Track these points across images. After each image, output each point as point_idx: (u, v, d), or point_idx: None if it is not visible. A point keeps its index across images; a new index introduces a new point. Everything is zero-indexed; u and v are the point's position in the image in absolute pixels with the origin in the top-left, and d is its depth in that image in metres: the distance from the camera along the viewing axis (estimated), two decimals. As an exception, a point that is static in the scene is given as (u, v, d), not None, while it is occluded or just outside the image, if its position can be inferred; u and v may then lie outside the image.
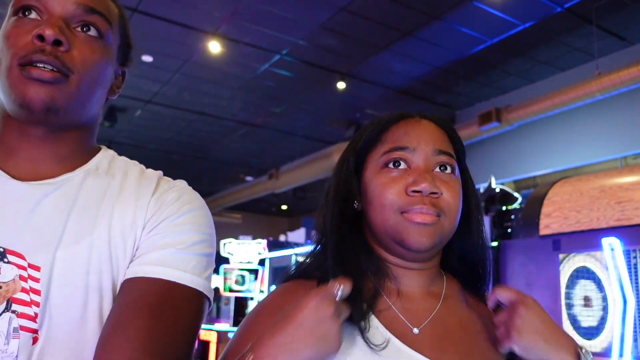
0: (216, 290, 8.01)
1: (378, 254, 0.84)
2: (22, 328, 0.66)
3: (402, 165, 0.82)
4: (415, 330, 0.78)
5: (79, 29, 0.75)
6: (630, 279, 2.90)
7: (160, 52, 5.64)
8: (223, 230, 11.32)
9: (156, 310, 0.67)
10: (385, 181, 0.81)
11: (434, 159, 0.82)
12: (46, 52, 0.70)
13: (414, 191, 0.78)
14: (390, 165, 0.82)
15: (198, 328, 0.73)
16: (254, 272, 7.28)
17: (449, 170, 0.83)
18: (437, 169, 0.82)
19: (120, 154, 0.88)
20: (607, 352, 2.94)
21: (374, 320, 0.76)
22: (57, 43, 0.71)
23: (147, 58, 5.76)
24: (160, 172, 0.85)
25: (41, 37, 0.71)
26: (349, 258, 0.82)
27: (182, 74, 6.14)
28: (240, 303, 7.23)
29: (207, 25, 5.12)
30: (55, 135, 0.76)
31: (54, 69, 0.71)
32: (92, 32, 0.76)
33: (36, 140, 0.76)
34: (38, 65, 0.70)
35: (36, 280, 0.68)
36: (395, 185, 0.80)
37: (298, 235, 7.67)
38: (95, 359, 0.64)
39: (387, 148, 0.83)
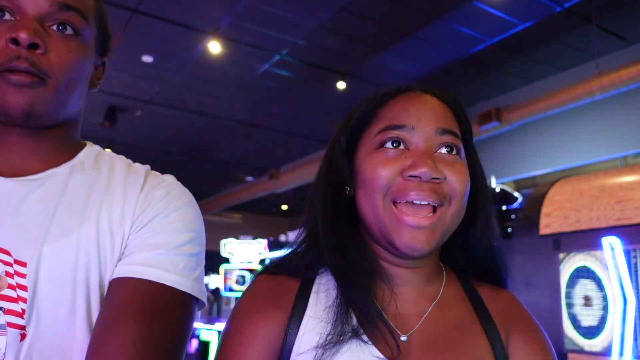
0: (216, 290, 8.02)
1: (371, 248, 0.77)
2: (10, 324, 0.66)
3: (401, 146, 0.73)
4: (403, 338, 0.71)
5: (54, 27, 0.73)
6: (631, 279, 2.91)
7: (160, 52, 5.63)
8: (223, 230, 11.33)
9: (146, 314, 0.67)
10: (379, 161, 0.72)
11: (436, 139, 0.73)
12: (22, 57, 0.69)
13: (412, 176, 0.70)
14: (388, 144, 0.73)
15: (188, 331, 0.72)
16: (255, 272, 7.29)
17: (454, 151, 0.73)
18: (441, 150, 0.73)
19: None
20: (607, 351, 2.94)
21: (362, 336, 0.70)
22: (32, 46, 0.69)
23: (147, 58, 5.75)
24: (147, 166, 0.84)
25: (15, 41, 0.68)
26: (344, 250, 0.74)
27: (182, 74, 6.14)
28: (241, 303, 7.22)
29: (207, 25, 5.11)
30: (37, 133, 0.76)
31: (32, 73, 0.70)
32: (68, 30, 0.73)
33: (18, 139, 0.75)
34: (16, 71, 0.69)
35: (22, 276, 0.67)
36: (389, 167, 0.71)
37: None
38: None
39: (382, 126, 0.74)
